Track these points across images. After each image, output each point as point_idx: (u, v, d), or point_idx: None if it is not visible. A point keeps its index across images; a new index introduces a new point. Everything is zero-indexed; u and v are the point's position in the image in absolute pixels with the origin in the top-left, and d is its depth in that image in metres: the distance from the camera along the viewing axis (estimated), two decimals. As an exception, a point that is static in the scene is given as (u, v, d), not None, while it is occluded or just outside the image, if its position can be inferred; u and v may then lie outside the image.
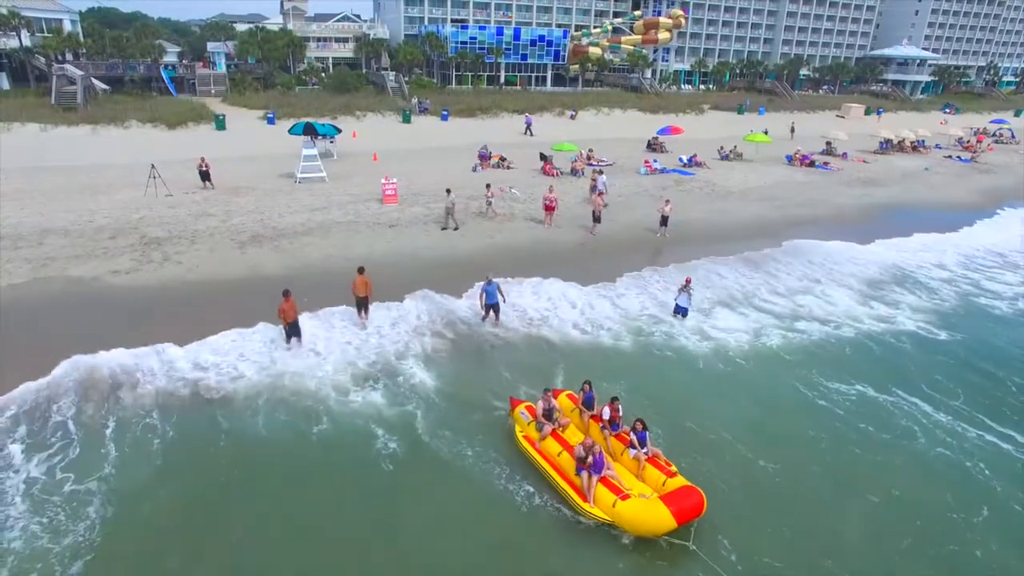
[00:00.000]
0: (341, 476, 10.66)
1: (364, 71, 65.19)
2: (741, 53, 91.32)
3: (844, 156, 43.61)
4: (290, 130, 34.48)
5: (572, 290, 18.45)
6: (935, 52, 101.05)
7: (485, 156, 35.20)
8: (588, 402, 11.82)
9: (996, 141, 57.52)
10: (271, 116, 45.51)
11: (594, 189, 26.72)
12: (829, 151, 44.69)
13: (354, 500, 10.17)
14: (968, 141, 52.27)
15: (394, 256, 20.37)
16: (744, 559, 9.17)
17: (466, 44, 68.19)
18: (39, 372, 12.77)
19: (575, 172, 33.01)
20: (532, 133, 47.04)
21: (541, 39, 72.66)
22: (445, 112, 52.08)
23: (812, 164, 39.95)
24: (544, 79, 75.01)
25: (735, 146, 41.74)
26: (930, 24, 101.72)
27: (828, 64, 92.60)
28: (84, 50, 52.71)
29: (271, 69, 61.31)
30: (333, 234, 22.22)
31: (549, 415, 11.32)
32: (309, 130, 32.80)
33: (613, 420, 11.20)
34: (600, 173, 28.36)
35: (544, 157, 34.90)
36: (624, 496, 9.63)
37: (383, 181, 26.41)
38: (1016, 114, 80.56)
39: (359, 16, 78.15)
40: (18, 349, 13.69)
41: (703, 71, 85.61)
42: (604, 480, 9.96)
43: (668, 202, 24.18)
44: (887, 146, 48.23)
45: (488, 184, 25.05)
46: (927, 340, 16.68)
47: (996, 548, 9.64)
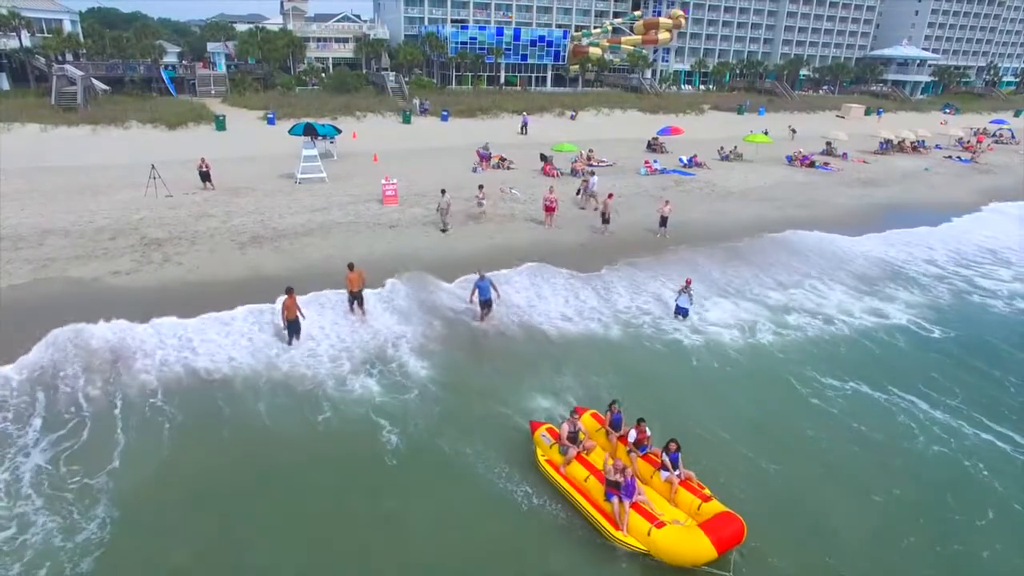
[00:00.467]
0: (343, 470, 10.84)
1: (364, 71, 65.18)
2: (741, 53, 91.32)
3: (844, 156, 43.60)
4: (290, 131, 34.47)
5: (569, 288, 18.68)
6: (935, 52, 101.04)
7: (486, 156, 35.16)
8: (615, 423, 11.15)
9: (996, 141, 57.52)
10: (271, 116, 45.51)
11: (586, 190, 26.94)
12: (829, 151, 44.69)
13: (356, 495, 10.27)
14: (968, 141, 52.24)
15: (394, 257, 20.35)
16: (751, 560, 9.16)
17: (466, 44, 68.18)
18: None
19: (575, 173, 32.98)
20: (527, 132, 47.08)
21: (541, 39, 72.66)
22: (445, 112, 52.08)
23: (812, 164, 39.95)
24: (544, 79, 75.01)
25: (735, 146, 41.73)
26: (930, 24, 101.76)
27: (828, 64, 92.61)
28: (84, 50, 52.66)
29: (271, 69, 61.30)
30: (333, 235, 22.22)
31: (574, 438, 10.54)
32: (309, 131, 32.76)
33: (640, 442, 10.60)
34: (592, 174, 28.52)
35: (544, 158, 34.88)
36: (659, 524, 9.07)
37: (383, 182, 26.40)
38: (1016, 114, 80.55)
39: (359, 16, 78.13)
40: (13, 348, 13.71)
41: (703, 71, 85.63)
42: (636, 506, 9.35)
43: (667, 202, 24.23)
44: (887, 146, 48.23)
45: (481, 185, 25.00)
46: (920, 335, 16.83)
47: (1001, 548, 9.65)
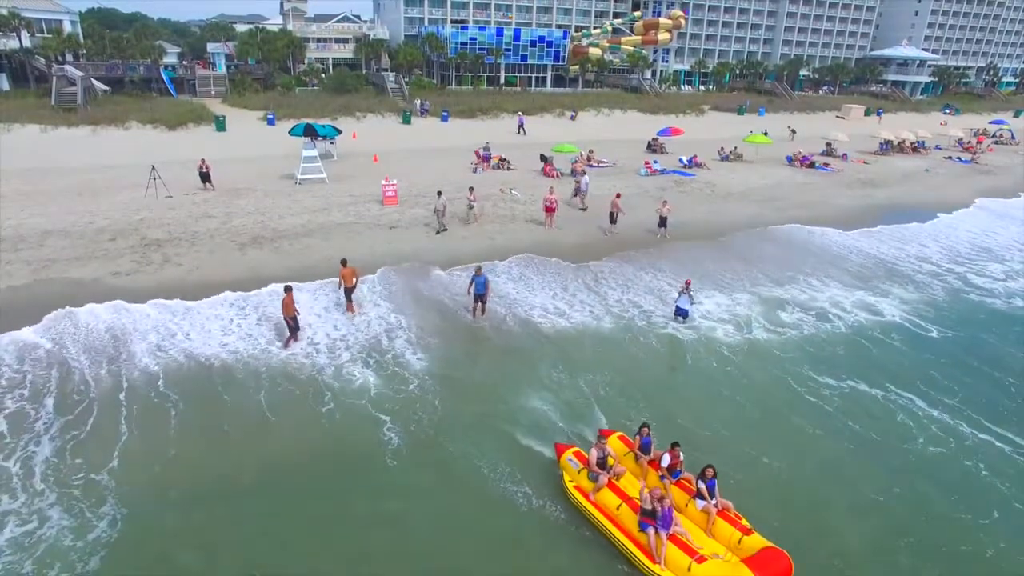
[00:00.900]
0: (345, 469, 10.93)
1: (364, 72, 65.19)
2: (741, 54, 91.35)
3: (844, 157, 43.58)
4: (290, 131, 34.46)
5: (563, 281, 19.16)
6: (935, 53, 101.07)
7: (486, 157, 35.15)
8: (645, 447, 10.66)
9: (996, 142, 57.53)
10: (271, 117, 45.48)
11: (577, 191, 26.99)
12: (829, 152, 44.68)
13: (358, 495, 10.31)
14: (968, 142, 52.23)
15: (395, 257, 20.38)
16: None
17: (466, 45, 68.15)
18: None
19: (575, 174, 32.88)
20: (524, 132, 47.24)
21: (541, 40, 72.63)
22: (445, 113, 52.07)
23: (812, 165, 39.94)
24: (544, 80, 75.01)
25: (735, 147, 41.72)
26: (930, 25, 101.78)
27: (828, 65, 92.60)
28: (84, 51, 52.68)
29: (271, 70, 61.31)
30: (334, 236, 22.21)
31: (603, 463, 10.03)
32: (309, 131, 32.77)
33: (673, 467, 10.01)
34: (584, 175, 28.66)
35: (544, 158, 34.86)
36: (700, 558, 8.59)
37: (383, 182, 26.40)
38: (1016, 115, 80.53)
39: (359, 17, 78.20)
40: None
41: (703, 72, 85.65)
42: (673, 537, 8.89)
43: (666, 203, 24.29)
44: (887, 147, 48.22)
45: (471, 187, 24.70)
46: (915, 331, 16.91)
47: (1005, 548, 9.68)
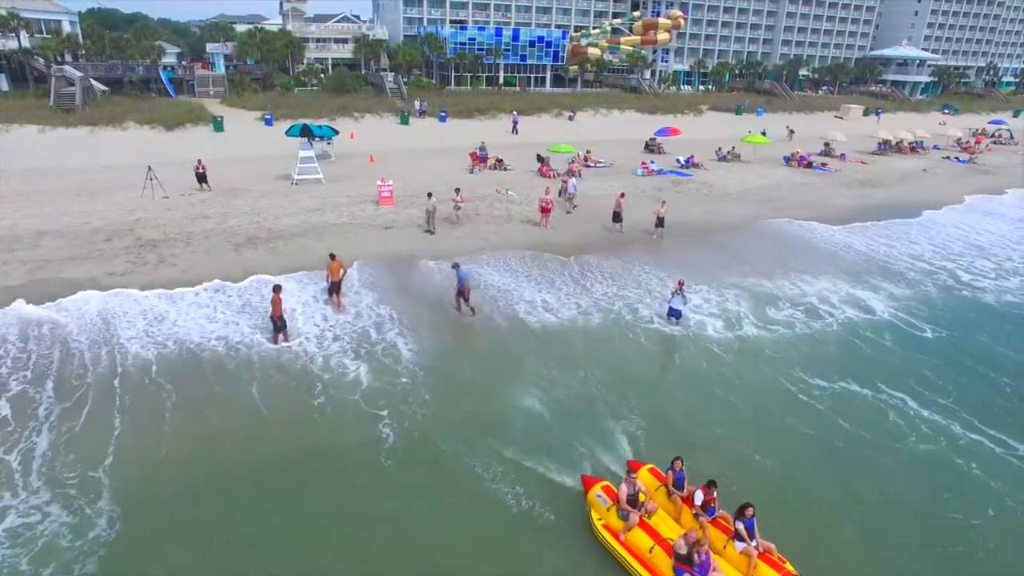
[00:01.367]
0: (338, 467, 10.95)
1: (363, 72, 65.25)
2: (741, 54, 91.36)
3: (842, 157, 43.56)
4: (287, 132, 34.48)
5: (551, 277, 19.43)
6: (935, 53, 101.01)
7: (483, 158, 35.17)
8: (679, 482, 9.93)
9: (995, 142, 57.53)
10: (269, 117, 45.52)
11: (565, 191, 26.94)
12: (827, 152, 44.66)
13: (352, 494, 10.33)
14: (967, 142, 52.23)
15: (390, 258, 20.41)
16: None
17: (465, 45, 68.21)
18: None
19: (569, 174, 32.90)
20: (517, 132, 47.45)
21: (540, 40, 72.68)
22: (443, 113, 52.10)
23: (810, 165, 39.94)
24: (543, 80, 75.04)
25: (733, 147, 41.72)
26: (929, 24, 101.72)
27: (828, 65, 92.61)
28: (83, 51, 52.80)
29: (270, 70, 61.38)
30: (328, 236, 22.21)
31: (634, 501, 9.29)
32: (306, 132, 32.81)
33: (707, 503, 9.44)
34: (572, 176, 28.74)
35: (541, 159, 34.88)
36: None
37: (379, 183, 26.43)
38: (1015, 115, 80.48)
39: (359, 17, 78.32)
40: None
41: (702, 72, 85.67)
42: None
43: (664, 203, 24.32)
44: (885, 147, 48.22)
45: (457, 188, 24.48)
46: (904, 328, 16.92)
47: (995, 548, 9.70)
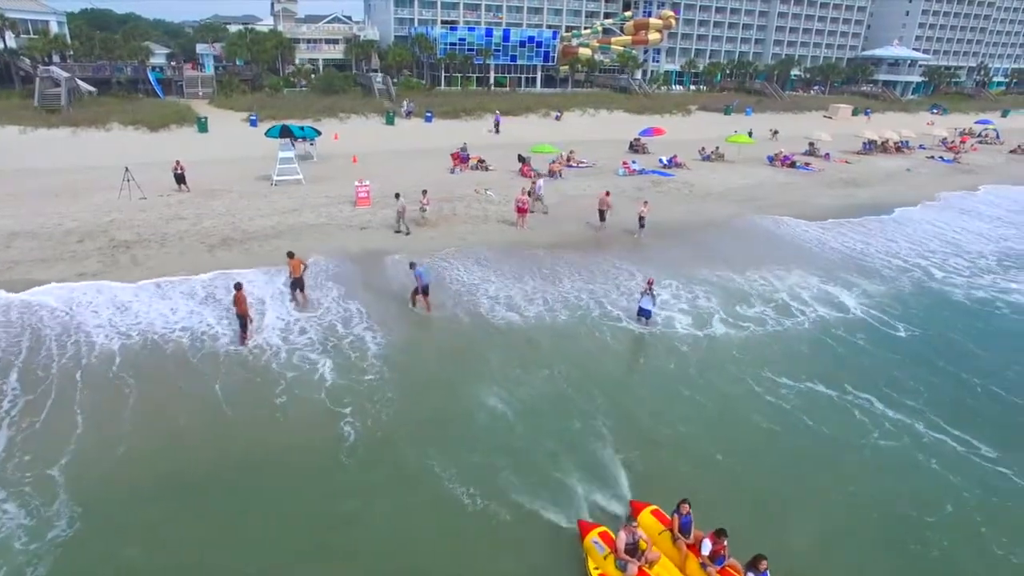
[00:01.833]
0: (302, 466, 10.96)
1: (352, 72, 65.22)
2: (732, 54, 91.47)
3: (827, 157, 43.66)
4: (266, 133, 34.40)
5: (532, 282, 19.20)
6: (926, 53, 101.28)
7: (465, 158, 35.20)
8: (685, 527, 9.17)
9: (981, 141, 57.75)
10: (254, 118, 45.44)
11: (534, 192, 26.29)
12: (812, 152, 44.75)
13: (315, 494, 10.31)
14: (952, 142, 52.41)
15: (364, 258, 20.47)
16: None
17: (455, 45, 68.21)
18: None
19: (552, 175, 33.01)
20: (499, 131, 47.63)
21: (531, 40, 72.67)
22: (429, 114, 52.11)
23: (793, 165, 40.04)
24: (534, 80, 75.04)
25: (716, 147, 41.78)
26: (921, 24, 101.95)
27: (819, 65, 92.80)
28: (71, 52, 52.67)
29: (259, 71, 61.29)
30: (304, 236, 22.25)
31: (633, 550, 8.70)
32: (285, 132, 32.75)
33: (716, 553, 8.75)
34: (540, 177, 28.96)
35: (522, 159, 34.91)
36: None
37: (356, 184, 26.45)
38: (1003, 115, 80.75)
39: (350, 18, 78.15)
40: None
41: (694, 72, 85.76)
42: None
43: (646, 203, 24.34)
44: (870, 147, 48.36)
45: (424, 190, 24.27)
46: (876, 327, 16.94)
47: (949, 545, 9.80)
